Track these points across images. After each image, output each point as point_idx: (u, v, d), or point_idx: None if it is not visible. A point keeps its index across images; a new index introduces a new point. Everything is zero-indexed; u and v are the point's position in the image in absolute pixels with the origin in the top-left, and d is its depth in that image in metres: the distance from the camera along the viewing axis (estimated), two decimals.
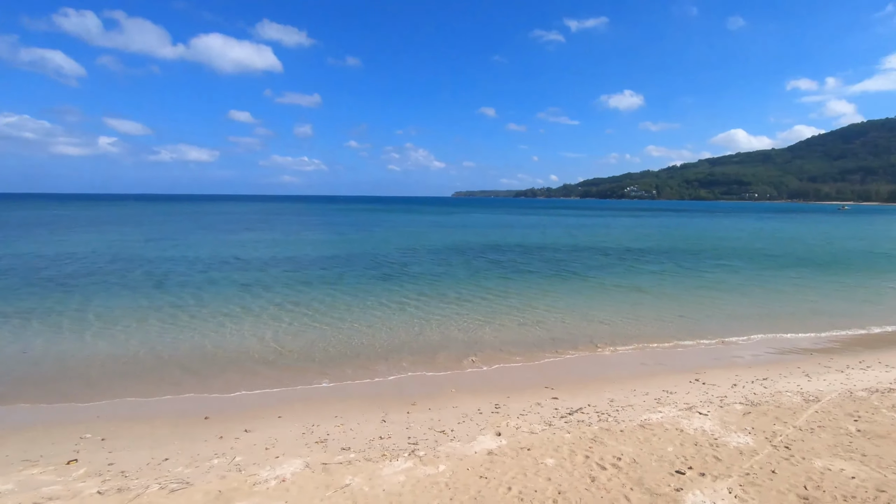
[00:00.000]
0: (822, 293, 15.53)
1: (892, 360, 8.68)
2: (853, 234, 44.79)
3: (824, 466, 4.64)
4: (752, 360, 8.80)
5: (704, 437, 5.31)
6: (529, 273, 18.36)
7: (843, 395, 6.69)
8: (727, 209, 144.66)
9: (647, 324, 11.24)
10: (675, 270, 20.01)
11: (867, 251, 29.33)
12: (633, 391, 7.00)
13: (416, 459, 4.90)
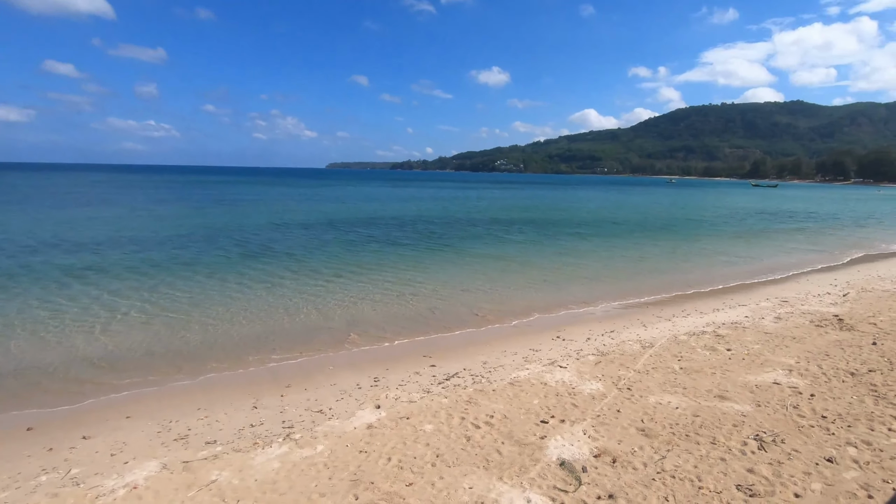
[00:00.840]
0: (655, 254, 18.14)
1: (705, 308, 10.46)
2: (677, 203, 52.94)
3: (656, 401, 5.44)
4: (602, 315, 9.97)
5: (564, 388, 5.89)
6: (404, 246, 18.48)
7: (670, 339, 7.90)
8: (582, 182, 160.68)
9: (516, 289, 12.08)
10: (538, 239, 21.74)
11: (686, 218, 34.90)
12: (504, 352, 7.50)
13: (292, 443, 4.69)
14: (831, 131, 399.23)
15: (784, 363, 6.68)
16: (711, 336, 8.03)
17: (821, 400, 5.47)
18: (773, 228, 29.22)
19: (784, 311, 9.88)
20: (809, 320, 9.04)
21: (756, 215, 38.75)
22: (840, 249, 20.54)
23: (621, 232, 25.32)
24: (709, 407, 5.29)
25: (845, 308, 9.95)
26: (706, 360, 6.86)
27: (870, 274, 14.58)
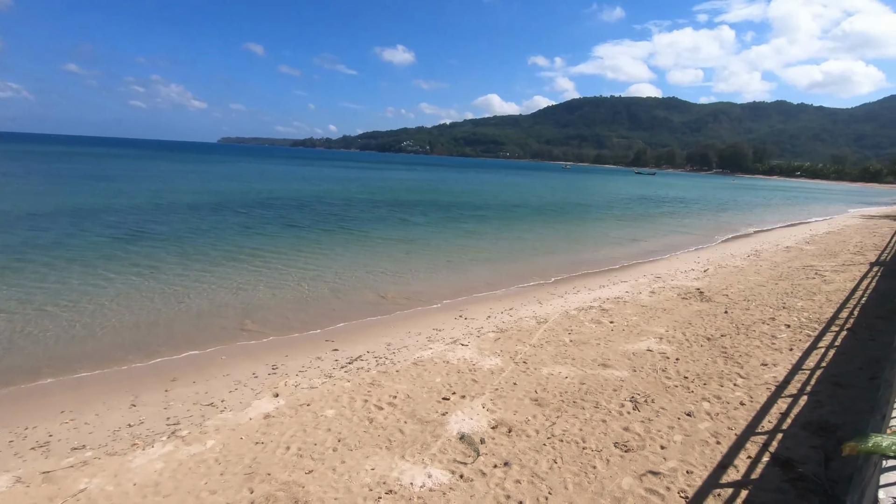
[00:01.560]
0: (551, 236, 19.34)
1: (593, 284, 11.38)
2: (571, 188, 56.77)
3: (549, 372, 5.84)
4: (502, 294, 10.43)
5: (465, 365, 6.09)
6: (304, 228, 17.75)
7: (562, 315, 8.49)
8: (486, 165, 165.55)
9: (421, 271, 12.19)
10: (442, 222, 22.10)
11: (578, 202, 37.59)
12: (408, 333, 7.55)
13: (178, 440, 4.34)
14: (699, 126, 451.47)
15: (656, 332, 7.51)
16: (598, 310, 8.77)
17: (684, 363, 6.25)
18: (651, 212, 32.55)
19: (657, 286, 11.07)
20: (677, 293, 10.22)
21: (637, 200, 42.84)
22: (704, 231, 23.46)
23: (521, 215, 26.61)
24: (594, 375, 5.80)
25: (705, 282, 11.41)
26: (592, 332, 7.49)
27: (724, 252, 16.85)
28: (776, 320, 8.14)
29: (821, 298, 9.70)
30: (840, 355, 6.50)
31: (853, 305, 9.17)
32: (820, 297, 9.78)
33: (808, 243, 19.01)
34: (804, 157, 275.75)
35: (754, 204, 45.37)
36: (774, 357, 6.42)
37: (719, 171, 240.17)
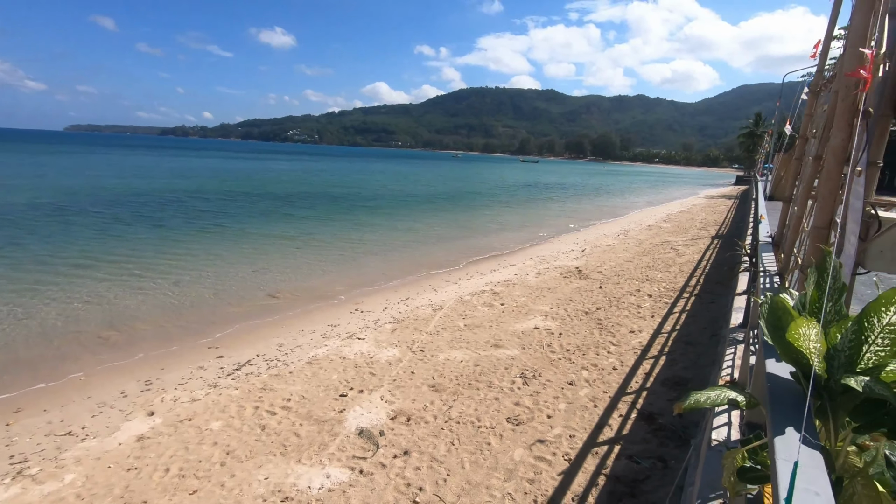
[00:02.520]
0: (444, 224, 19.76)
1: (485, 269, 11.86)
2: (461, 177, 58.39)
3: (445, 358, 6.00)
4: (398, 284, 10.45)
5: (363, 359, 6.02)
6: (172, 229, 16.07)
7: (457, 300, 8.75)
8: (378, 155, 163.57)
9: (313, 267, 11.75)
10: (333, 214, 21.52)
11: (469, 190, 38.82)
12: (302, 332, 7.26)
13: (27, 480, 3.74)
14: (574, 117, 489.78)
15: (542, 310, 8.08)
16: (489, 294, 9.17)
17: (566, 336, 6.80)
18: (535, 198, 34.74)
19: (543, 267, 11.87)
20: (560, 273, 11.06)
21: (523, 187, 45.43)
22: (582, 214, 25.61)
23: (413, 204, 26.79)
24: (487, 356, 6.08)
25: (583, 261, 12.49)
26: (485, 315, 7.83)
27: (599, 233, 18.58)
28: (641, 292, 9.19)
29: (675, 270, 11.14)
30: (690, 318, 7.55)
31: (699, 274, 10.68)
32: (675, 269, 11.23)
33: (665, 222, 21.69)
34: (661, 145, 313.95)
35: (623, 188, 50.56)
36: (640, 324, 7.26)
37: (593, 158, 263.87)
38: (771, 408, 0.99)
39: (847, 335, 1.01)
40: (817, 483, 0.75)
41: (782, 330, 1.02)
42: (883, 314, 1.00)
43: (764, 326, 1.05)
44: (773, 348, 1.11)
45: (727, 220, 21.37)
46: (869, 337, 1.00)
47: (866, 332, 1.00)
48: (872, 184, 2.05)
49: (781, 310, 1.06)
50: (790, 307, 1.05)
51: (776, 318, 1.05)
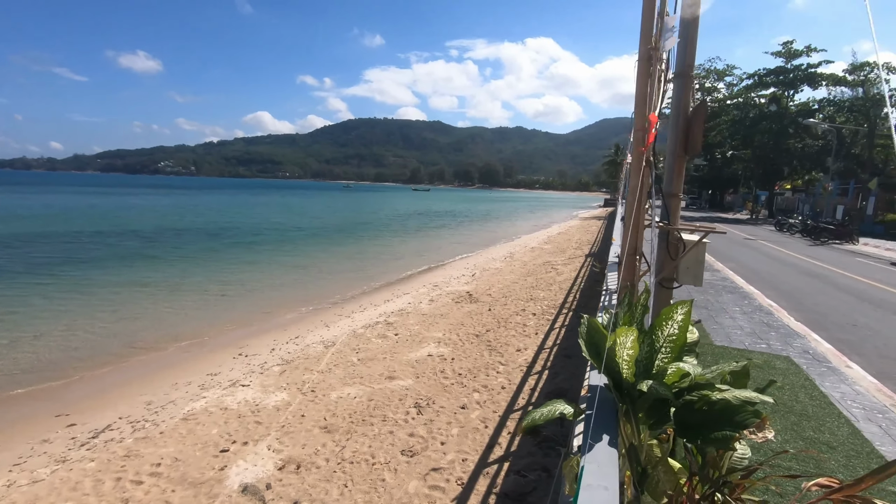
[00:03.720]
0: (334, 256, 19.35)
1: (378, 300, 11.80)
2: (352, 207, 57.89)
3: (338, 396, 5.83)
4: (287, 322, 9.96)
5: (247, 407, 5.61)
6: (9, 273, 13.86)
7: (350, 335, 8.57)
8: (264, 186, 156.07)
9: (186, 312, 10.77)
10: (210, 251, 20.02)
11: (360, 221, 38.62)
12: (175, 385, 6.57)
13: None
14: (461, 147, 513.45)
15: (435, 337, 8.22)
16: (383, 325, 9.13)
17: (458, 361, 6.99)
18: (427, 226, 35.56)
19: (436, 293, 12.13)
20: (452, 298, 11.38)
21: (416, 216, 46.29)
22: (472, 240, 26.70)
23: (301, 237, 25.91)
24: (381, 389, 6.02)
25: (473, 285, 12.99)
26: (379, 347, 7.77)
27: (488, 257, 19.51)
28: (526, 311, 9.79)
29: (556, 288, 12.07)
30: (569, 332, 8.21)
31: (576, 291, 11.68)
32: (555, 287, 12.16)
33: (546, 243, 23.46)
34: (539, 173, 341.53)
35: (508, 213, 53.85)
36: (525, 342, 7.72)
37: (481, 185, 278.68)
38: (586, 415, 1.15)
39: (644, 347, 1.22)
40: (608, 479, 0.89)
41: (595, 346, 1.20)
42: (665, 327, 1.23)
43: (582, 344, 1.23)
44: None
45: (598, 240, 23.74)
46: (658, 347, 1.21)
47: (656, 343, 1.22)
48: (676, 212, 2.47)
49: (594, 329, 1.24)
50: (601, 326, 1.24)
51: (591, 336, 1.23)
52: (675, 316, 1.22)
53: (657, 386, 1.08)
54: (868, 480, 1.14)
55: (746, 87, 46.19)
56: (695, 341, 1.30)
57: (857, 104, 36.92)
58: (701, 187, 66.55)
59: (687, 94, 2.39)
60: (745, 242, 20.72)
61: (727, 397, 1.12)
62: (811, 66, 40.53)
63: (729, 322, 7.44)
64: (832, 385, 4.93)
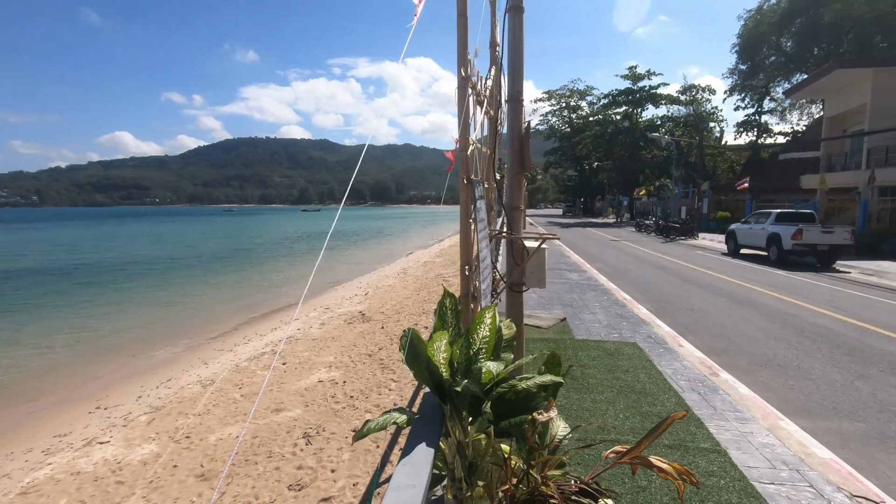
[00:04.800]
0: (216, 286, 17.94)
1: (265, 329, 11.18)
2: (235, 232, 54.23)
3: (218, 438, 5.40)
4: (158, 364, 9.00)
5: (106, 467, 4.97)
6: None
7: (232, 370, 7.99)
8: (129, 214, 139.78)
9: (20, 366, 9.26)
10: (50, 296, 17.46)
11: (243, 247, 36.32)
12: (10, 455, 5.60)
13: None
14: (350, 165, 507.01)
15: (326, 361, 7.99)
16: (270, 355, 8.66)
17: (350, 383, 6.87)
18: (317, 247, 34.48)
19: (327, 316, 11.80)
20: (344, 320, 11.15)
21: (305, 237, 44.64)
22: (366, 259, 26.42)
23: (176, 268, 23.64)
24: (266, 424, 5.69)
25: (366, 304, 12.87)
26: (264, 379, 7.34)
27: (381, 274, 19.45)
28: (419, 325, 9.93)
29: None
30: None
31: None
32: None
33: (438, 257, 24.03)
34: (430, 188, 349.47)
35: (402, 230, 54.25)
36: None
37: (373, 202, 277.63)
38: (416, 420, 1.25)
39: (462, 350, 1.35)
40: (418, 477, 0.99)
41: (418, 356, 1.31)
42: (479, 330, 1.38)
43: (404, 355, 1.33)
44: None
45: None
46: (474, 348, 1.36)
47: (473, 345, 1.36)
48: (519, 222, 2.74)
49: (417, 340, 1.35)
50: (420, 337, 1.36)
51: (413, 348, 1.34)
52: (485, 320, 1.37)
53: (469, 384, 1.21)
54: (645, 441, 1.38)
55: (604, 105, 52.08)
56: (512, 336, 1.46)
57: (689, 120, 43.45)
58: (575, 195, 73.02)
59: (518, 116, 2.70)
60: (611, 244, 23.19)
61: (528, 385, 1.30)
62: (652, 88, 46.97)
63: (590, 317, 8.25)
64: (667, 363, 5.73)
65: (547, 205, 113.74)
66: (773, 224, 16.63)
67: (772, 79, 41.62)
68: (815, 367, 6.05)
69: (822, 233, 15.48)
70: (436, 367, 1.27)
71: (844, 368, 6.02)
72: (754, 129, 45.58)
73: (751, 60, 41.43)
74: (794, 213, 17.18)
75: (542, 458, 1.32)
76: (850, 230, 15.96)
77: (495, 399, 1.35)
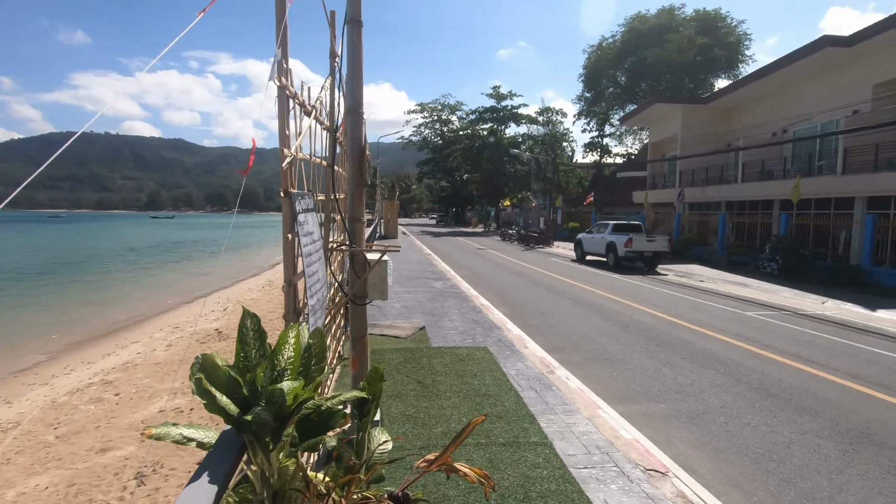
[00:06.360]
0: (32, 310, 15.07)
1: (96, 356, 9.68)
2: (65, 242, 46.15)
3: (19, 492, 4.54)
4: None
5: None
6: None
7: (46, 407, 6.78)
8: None
9: None
10: None
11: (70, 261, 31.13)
12: None
13: None
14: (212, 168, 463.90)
15: (170, 388, 7.18)
16: (99, 385, 7.53)
17: (199, 410, 6.26)
18: (168, 259, 30.88)
19: (175, 336, 10.62)
20: (197, 339, 10.15)
21: (153, 248, 39.64)
22: (226, 272, 24.30)
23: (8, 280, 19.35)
24: (88, 468, 4.94)
25: (224, 321, 11.86)
26: (91, 415, 6.37)
27: (244, 288, 18.10)
28: None
29: None
30: None
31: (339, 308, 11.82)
32: None
33: None
34: None
35: (269, 238, 50.99)
36: None
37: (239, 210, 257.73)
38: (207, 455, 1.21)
39: (267, 373, 1.34)
40: None
41: (214, 383, 1.27)
42: (284, 350, 1.38)
43: (194, 384, 1.27)
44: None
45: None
46: (279, 369, 1.36)
47: (277, 366, 1.36)
48: (361, 235, 2.79)
49: (212, 366, 1.31)
50: (217, 361, 1.32)
51: (208, 374, 1.29)
52: (289, 339, 1.38)
53: (261, 412, 1.21)
54: (451, 448, 1.51)
55: (471, 120, 55.14)
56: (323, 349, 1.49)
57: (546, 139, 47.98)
58: (447, 206, 75.78)
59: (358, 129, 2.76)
60: (478, 252, 24.54)
61: (332, 403, 1.34)
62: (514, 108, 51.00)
63: (448, 324, 8.64)
64: (511, 365, 6.26)
65: (421, 214, 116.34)
66: (611, 234, 19.09)
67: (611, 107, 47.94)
68: (634, 357, 7.09)
69: (647, 241, 18.20)
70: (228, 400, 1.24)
71: (656, 357, 7.14)
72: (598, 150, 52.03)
73: (594, 89, 47.28)
74: (626, 224, 19.93)
75: (360, 475, 1.36)
76: (667, 239, 19.03)
77: (301, 420, 1.36)
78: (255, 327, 1.42)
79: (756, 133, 22.70)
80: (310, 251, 2.48)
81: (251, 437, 1.25)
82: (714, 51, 38.25)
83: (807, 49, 18.26)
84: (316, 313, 2.49)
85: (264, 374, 1.33)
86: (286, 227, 2.43)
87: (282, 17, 2.18)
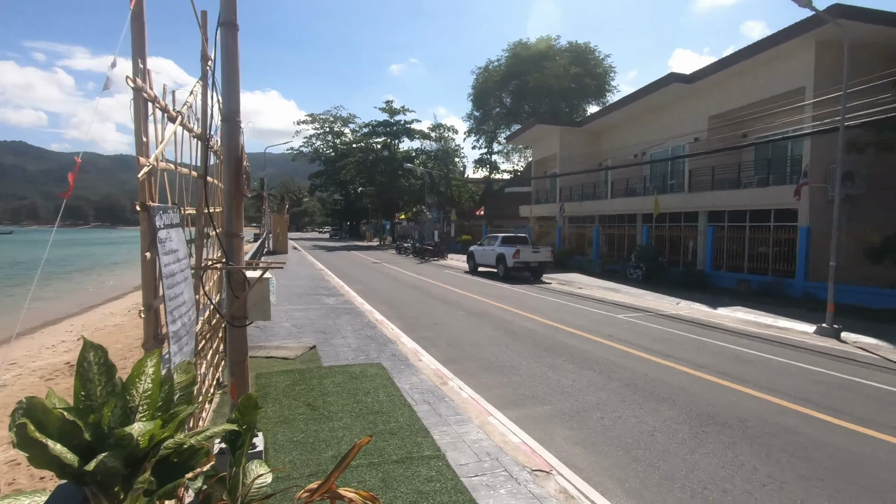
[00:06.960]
0: None
1: None
2: None
3: None
4: None
5: None
6: None
7: None
8: None
9: None
10: None
11: None
12: None
13: None
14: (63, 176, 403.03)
15: (4, 437, 6.01)
16: None
17: None
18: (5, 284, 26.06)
19: (13, 374, 8.97)
20: (41, 376, 8.67)
21: None
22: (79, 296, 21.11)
23: None
24: None
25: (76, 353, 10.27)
26: None
27: (104, 312, 15.88)
28: None
29: None
30: None
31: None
32: None
33: None
34: None
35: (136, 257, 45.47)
36: None
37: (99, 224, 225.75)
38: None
39: (116, 411, 1.18)
40: None
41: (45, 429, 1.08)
42: (139, 383, 1.23)
43: (14, 433, 1.08)
44: None
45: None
46: (132, 405, 1.20)
47: (131, 402, 1.20)
48: (240, 251, 2.60)
49: (41, 409, 1.12)
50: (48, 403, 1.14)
51: (36, 419, 1.10)
52: (146, 370, 1.23)
53: (107, 458, 1.05)
54: (334, 474, 1.45)
55: (365, 133, 54.80)
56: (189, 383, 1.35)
57: (439, 154, 49.27)
58: (341, 219, 74.04)
59: (235, 137, 2.58)
60: (373, 266, 24.27)
61: (194, 441, 1.22)
62: (407, 123, 51.72)
63: (341, 342, 8.41)
64: (405, 379, 6.26)
65: (314, 228, 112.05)
66: (500, 246, 20.09)
67: (498, 126, 50.74)
68: (523, 363, 7.48)
69: (533, 252, 19.45)
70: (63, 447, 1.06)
71: (542, 362, 7.60)
72: (487, 166, 54.66)
73: (482, 109, 49.73)
74: (514, 236, 21.12)
75: None
76: (549, 250, 20.54)
77: (159, 462, 1.21)
78: (100, 360, 1.25)
79: (622, 154, 25.60)
80: (172, 271, 2.25)
81: (95, 490, 1.08)
82: (585, 80, 42.49)
83: (657, 83, 21.13)
84: (181, 340, 2.25)
85: (112, 413, 1.17)
86: (144, 244, 2.19)
87: (139, 12, 1.98)
